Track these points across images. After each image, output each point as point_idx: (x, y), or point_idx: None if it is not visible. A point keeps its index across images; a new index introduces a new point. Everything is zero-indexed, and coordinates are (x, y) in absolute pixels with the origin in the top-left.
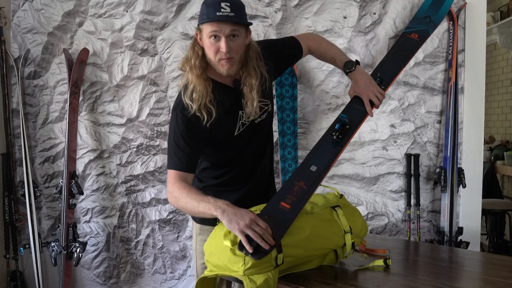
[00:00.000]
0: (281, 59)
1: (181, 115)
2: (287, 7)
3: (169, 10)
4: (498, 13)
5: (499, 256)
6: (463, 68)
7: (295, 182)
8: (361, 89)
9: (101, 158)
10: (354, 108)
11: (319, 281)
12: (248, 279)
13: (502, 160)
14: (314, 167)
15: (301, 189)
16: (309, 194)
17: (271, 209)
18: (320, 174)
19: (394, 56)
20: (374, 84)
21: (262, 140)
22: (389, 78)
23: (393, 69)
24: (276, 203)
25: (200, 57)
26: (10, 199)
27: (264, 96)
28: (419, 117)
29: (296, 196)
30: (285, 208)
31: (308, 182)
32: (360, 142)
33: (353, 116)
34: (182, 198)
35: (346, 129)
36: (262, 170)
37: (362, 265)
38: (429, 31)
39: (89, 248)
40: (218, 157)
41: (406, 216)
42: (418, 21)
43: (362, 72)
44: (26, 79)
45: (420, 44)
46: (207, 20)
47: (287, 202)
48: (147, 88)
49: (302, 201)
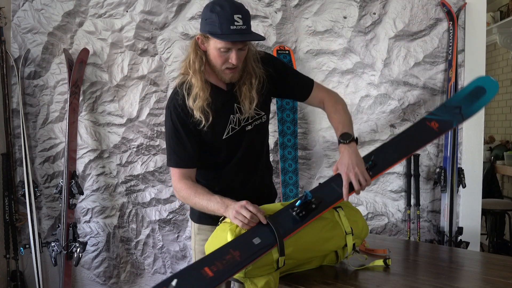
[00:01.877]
0: (282, 81)
1: (174, 113)
2: (287, 7)
3: (169, 10)
4: (498, 13)
5: (499, 256)
6: (463, 68)
7: (230, 250)
8: (344, 167)
9: (101, 158)
10: (331, 186)
11: (319, 281)
12: (250, 281)
13: (502, 160)
14: (258, 240)
15: (233, 260)
16: (240, 267)
17: (186, 274)
18: (261, 249)
19: (400, 143)
20: (361, 166)
21: (253, 153)
22: (383, 167)
23: (391, 158)
24: (199, 266)
25: (204, 63)
26: (10, 199)
27: (259, 104)
28: (419, 117)
29: (224, 266)
30: (206, 275)
31: (243, 255)
32: (360, 142)
33: (326, 195)
34: (191, 198)
35: (310, 208)
36: (253, 184)
37: (362, 265)
38: (454, 124)
39: (89, 248)
40: (206, 163)
41: (406, 216)
42: (446, 110)
43: (354, 150)
44: (26, 79)
45: (436, 136)
46: (221, 37)
47: (212, 269)
48: (147, 88)
49: (228, 274)
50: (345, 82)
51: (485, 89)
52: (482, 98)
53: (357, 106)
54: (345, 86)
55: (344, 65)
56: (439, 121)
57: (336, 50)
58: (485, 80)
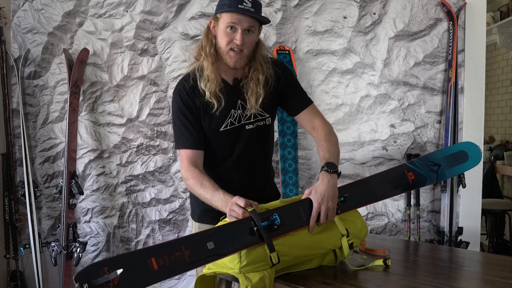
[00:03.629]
0: (286, 86)
1: (180, 96)
2: (287, 7)
3: (169, 10)
4: (498, 13)
5: (499, 256)
6: (463, 68)
7: (182, 247)
8: (320, 197)
9: (101, 158)
10: (298, 211)
11: (319, 281)
12: (244, 276)
13: (502, 160)
14: (212, 245)
15: (181, 259)
16: (187, 268)
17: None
18: (213, 256)
19: (376, 185)
20: (334, 202)
21: (252, 153)
22: (353, 205)
23: (364, 198)
24: (147, 255)
25: (214, 46)
26: (10, 199)
27: (264, 105)
28: (419, 117)
29: (171, 262)
30: (151, 267)
31: (193, 257)
32: (360, 142)
33: (291, 219)
34: (196, 189)
35: (272, 229)
36: (252, 185)
37: (361, 266)
38: (427, 182)
39: (89, 248)
40: (205, 153)
41: (406, 216)
42: (426, 164)
43: (334, 183)
44: (26, 79)
45: (408, 189)
46: (229, 10)
47: (158, 262)
48: (147, 88)
49: (172, 273)
50: (345, 82)
51: (468, 156)
52: (462, 164)
53: (357, 106)
54: (345, 86)
55: (344, 65)
56: (416, 174)
57: (336, 50)
58: (471, 147)
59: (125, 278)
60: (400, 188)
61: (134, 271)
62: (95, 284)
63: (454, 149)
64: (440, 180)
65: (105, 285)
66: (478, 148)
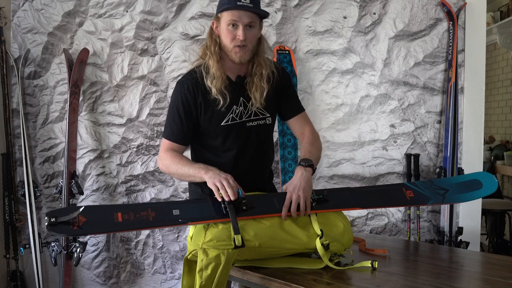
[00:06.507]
0: (283, 89)
1: (180, 89)
2: (287, 7)
3: (169, 10)
4: (498, 13)
5: (499, 256)
6: (463, 68)
7: (149, 209)
8: (291, 187)
9: (101, 158)
10: (271, 200)
11: (318, 281)
12: (202, 250)
13: (502, 160)
14: (177, 212)
15: (145, 218)
16: (149, 225)
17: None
18: (176, 221)
19: (367, 195)
20: (307, 192)
21: (251, 151)
22: (333, 205)
23: (347, 202)
24: (113, 209)
25: (218, 45)
26: (10, 199)
27: (267, 100)
28: (419, 117)
29: (135, 218)
30: (116, 218)
31: (157, 218)
32: (360, 142)
33: (261, 205)
34: (173, 164)
35: (240, 209)
36: (252, 182)
37: (346, 264)
38: (430, 201)
39: (89, 248)
40: (205, 144)
41: (406, 216)
42: (431, 187)
43: (307, 176)
44: (26, 79)
45: (404, 204)
46: (228, 8)
47: (123, 216)
48: (147, 88)
49: (133, 226)
50: (345, 82)
51: (483, 185)
52: (476, 191)
53: (357, 106)
54: (345, 86)
55: (344, 65)
56: (416, 192)
57: (336, 50)
58: (487, 177)
59: (90, 222)
60: (395, 202)
61: (99, 218)
62: (61, 220)
63: (467, 178)
64: (447, 203)
65: (70, 221)
66: (494, 178)
